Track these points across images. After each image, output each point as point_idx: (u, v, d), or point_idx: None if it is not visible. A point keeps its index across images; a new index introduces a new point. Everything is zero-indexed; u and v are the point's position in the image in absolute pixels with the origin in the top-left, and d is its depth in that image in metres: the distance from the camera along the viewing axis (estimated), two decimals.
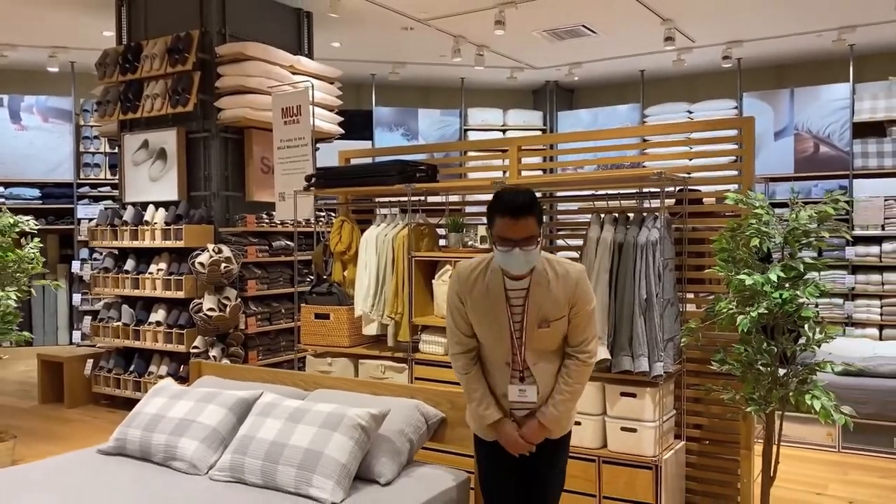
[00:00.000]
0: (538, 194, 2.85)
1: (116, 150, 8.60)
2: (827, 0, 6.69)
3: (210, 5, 6.15)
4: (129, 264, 6.30)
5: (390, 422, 2.94)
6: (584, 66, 9.19)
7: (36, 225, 5.16)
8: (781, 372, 3.23)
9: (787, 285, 3.12)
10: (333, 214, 6.29)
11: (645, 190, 3.87)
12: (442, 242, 4.41)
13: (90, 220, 8.54)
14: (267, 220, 6.28)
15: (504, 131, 10.08)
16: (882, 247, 7.72)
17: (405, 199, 4.23)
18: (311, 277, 6.43)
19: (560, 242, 4.42)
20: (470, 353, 2.56)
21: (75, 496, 2.70)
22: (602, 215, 3.70)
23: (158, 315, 6.10)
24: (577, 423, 3.41)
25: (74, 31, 7.66)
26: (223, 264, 5.61)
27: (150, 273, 6.11)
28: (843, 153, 8.03)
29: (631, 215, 3.69)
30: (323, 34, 7.43)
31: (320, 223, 6.23)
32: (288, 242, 6.45)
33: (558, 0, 6.62)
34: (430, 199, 4.65)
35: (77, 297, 8.86)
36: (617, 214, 3.70)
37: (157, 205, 6.22)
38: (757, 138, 8.20)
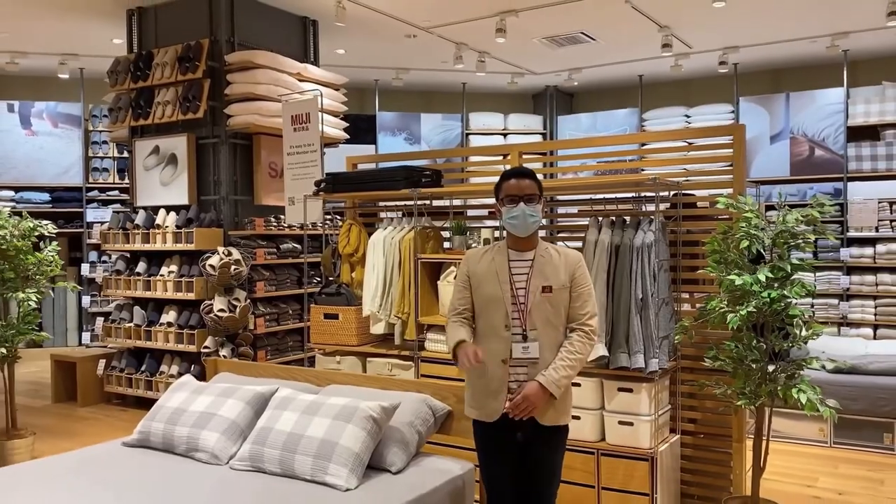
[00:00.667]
0: None
1: (125, 155, 8.77)
2: (821, 7, 6.84)
3: (219, 14, 6.31)
4: (141, 267, 6.45)
5: (400, 414, 3.10)
6: (583, 72, 9.33)
7: (54, 229, 5.31)
8: (771, 368, 3.40)
9: (775, 285, 3.29)
10: (340, 218, 6.45)
11: (641, 194, 4.04)
12: (446, 245, 4.56)
13: (100, 223, 8.70)
14: (275, 224, 6.43)
15: (505, 135, 10.22)
16: (876, 248, 7.88)
17: (411, 202, 4.38)
18: (318, 279, 6.59)
19: (560, 245, 4.57)
20: (465, 316, 2.81)
21: (104, 484, 2.85)
22: (600, 218, 3.85)
23: (170, 316, 6.26)
24: (577, 418, 3.57)
25: (84, 38, 7.81)
26: (233, 266, 5.77)
27: (161, 275, 6.26)
28: (837, 156, 8.18)
29: (627, 218, 3.85)
30: (328, 41, 7.59)
31: (327, 226, 6.39)
32: (295, 245, 6.61)
33: (558, 8, 6.76)
34: (435, 202, 4.80)
35: (86, 300, 9.02)
36: (614, 217, 3.86)
37: (168, 209, 6.38)
38: (753, 142, 8.43)
